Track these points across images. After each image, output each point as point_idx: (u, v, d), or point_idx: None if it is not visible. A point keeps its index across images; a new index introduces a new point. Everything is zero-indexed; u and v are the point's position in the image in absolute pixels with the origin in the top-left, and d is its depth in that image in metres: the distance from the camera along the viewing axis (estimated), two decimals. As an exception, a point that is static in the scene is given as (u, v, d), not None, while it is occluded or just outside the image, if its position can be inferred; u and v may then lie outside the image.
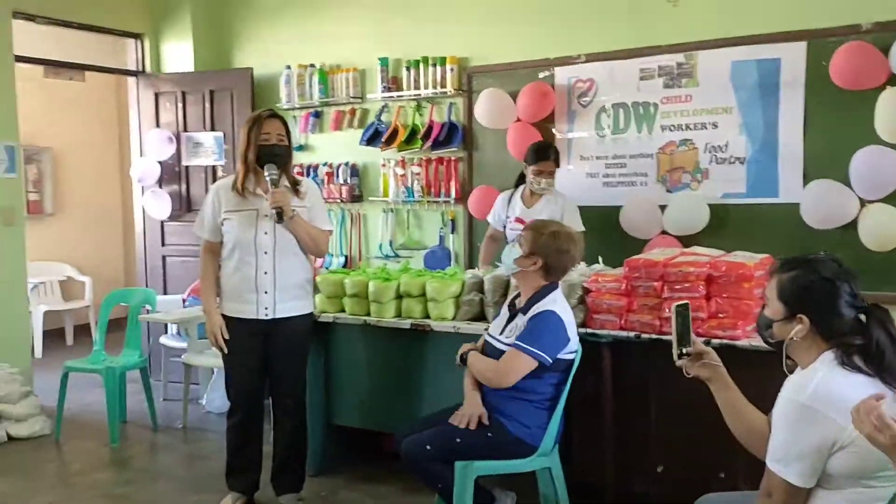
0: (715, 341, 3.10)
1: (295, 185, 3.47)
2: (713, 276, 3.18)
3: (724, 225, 4.27)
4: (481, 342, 3.24)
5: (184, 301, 5.49)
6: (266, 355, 3.53)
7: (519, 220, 4.26)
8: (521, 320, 3.05)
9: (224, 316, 3.50)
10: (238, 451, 3.63)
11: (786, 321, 2.00)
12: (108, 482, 4.14)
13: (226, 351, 3.51)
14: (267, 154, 3.35)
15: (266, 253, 3.40)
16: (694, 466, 3.27)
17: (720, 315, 3.15)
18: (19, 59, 5.33)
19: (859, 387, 1.84)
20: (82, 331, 7.67)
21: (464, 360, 3.15)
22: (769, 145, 4.19)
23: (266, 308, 3.43)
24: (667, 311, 3.20)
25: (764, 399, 2.38)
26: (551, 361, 2.96)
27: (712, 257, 3.30)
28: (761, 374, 3.01)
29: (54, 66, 6.22)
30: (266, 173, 3.33)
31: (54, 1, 5.49)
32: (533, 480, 3.28)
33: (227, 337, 3.48)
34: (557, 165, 4.33)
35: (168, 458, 4.58)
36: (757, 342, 3.06)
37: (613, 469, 3.45)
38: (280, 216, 3.32)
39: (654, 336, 3.25)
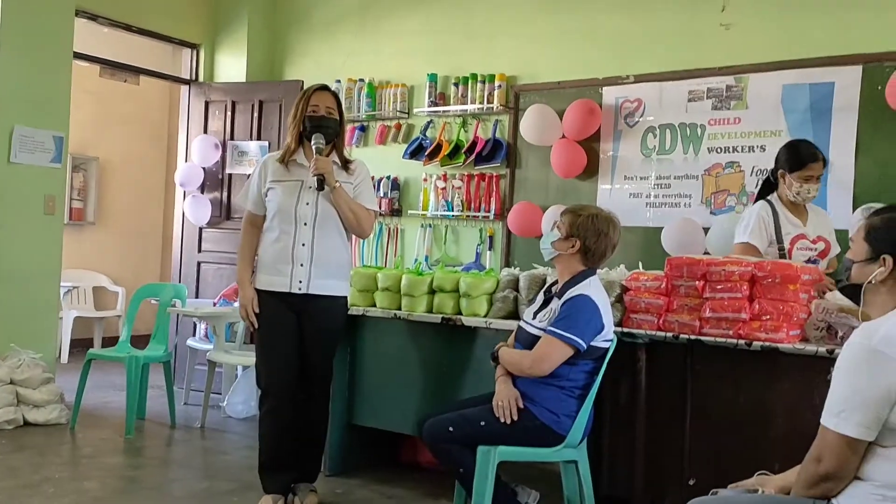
0: (757, 344, 2.98)
1: (346, 163, 3.42)
2: (757, 276, 3.06)
3: (770, 249, 4.15)
4: (511, 339, 3.14)
5: (214, 303, 5.46)
6: (299, 335, 3.38)
7: (801, 236, 3.50)
8: (555, 304, 2.95)
9: (257, 291, 3.39)
10: (273, 445, 3.38)
11: (867, 262, 1.91)
12: (118, 466, 4.06)
13: (256, 325, 3.39)
14: (314, 125, 3.31)
15: (305, 224, 3.31)
16: (729, 480, 3.08)
17: (763, 317, 3.01)
18: (77, 55, 5.48)
19: None
20: (111, 343, 7.65)
21: (495, 358, 3.05)
22: (819, 170, 4.09)
23: (300, 281, 3.31)
24: (707, 311, 3.09)
25: (806, 405, 2.23)
26: (585, 347, 2.85)
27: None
28: (804, 379, 2.90)
29: (110, 66, 6.36)
30: (312, 142, 3.28)
31: (118, 3, 5.67)
32: (558, 483, 3.13)
33: (258, 311, 3.37)
34: (826, 164, 3.52)
35: (182, 450, 4.48)
36: (801, 346, 2.95)
37: (643, 481, 3.27)
38: (321, 184, 3.25)
39: (692, 337, 3.11)
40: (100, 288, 7.73)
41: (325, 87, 3.44)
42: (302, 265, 3.31)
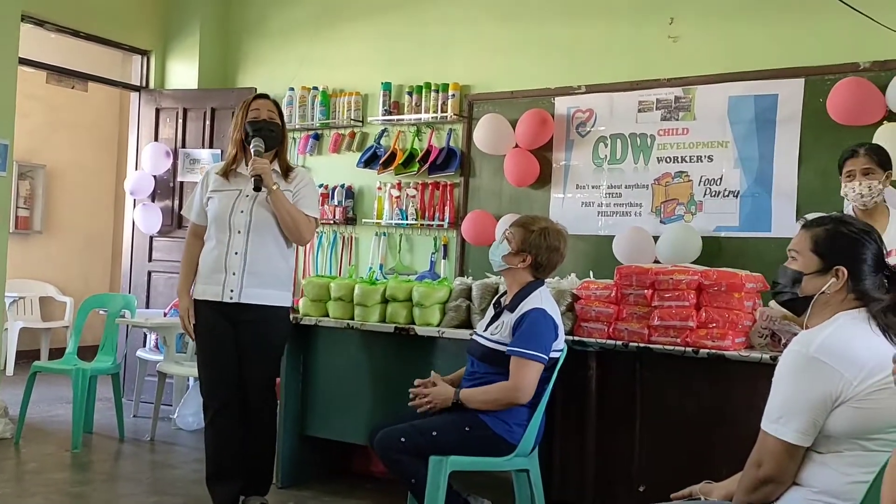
0: (703, 351, 3.03)
1: (287, 171, 3.40)
2: (704, 284, 3.12)
3: (716, 257, 4.23)
4: (457, 375, 3.15)
5: (165, 314, 5.38)
6: (237, 345, 3.32)
7: None
8: (507, 318, 2.96)
9: (196, 301, 3.34)
10: (218, 455, 3.34)
11: (819, 274, 1.90)
12: (64, 481, 3.96)
13: (193, 336, 3.36)
14: (256, 128, 3.27)
15: (239, 232, 3.26)
16: (677, 486, 3.13)
17: (710, 325, 3.07)
18: (23, 61, 5.36)
19: (870, 345, 1.76)
20: (59, 354, 7.47)
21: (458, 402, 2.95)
22: (764, 180, 4.20)
23: (231, 290, 3.25)
24: (656, 319, 3.13)
25: (752, 411, 2.27)
26: (548, 360, 2.87)
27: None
28: (749, 385, 2.95)
29: (58, 72, 6.22)
30: (251, 146, 3.25)
31: (66, 9, 5.57)
32: (510, 491, 3.14)
33: (193, 321, 3.33)
34: (884, 168, 3.18)
35: (130, 464, 4.40)
36: (746, 353, 3.01)
37: (594, 487, 3.31)
38: (258, 185, 3.19)
39: (641, 345, 3.16)
40: (47, 298, 7.56)
41: (265, 95, 3.45)
42: (234, 274, 3.26)
